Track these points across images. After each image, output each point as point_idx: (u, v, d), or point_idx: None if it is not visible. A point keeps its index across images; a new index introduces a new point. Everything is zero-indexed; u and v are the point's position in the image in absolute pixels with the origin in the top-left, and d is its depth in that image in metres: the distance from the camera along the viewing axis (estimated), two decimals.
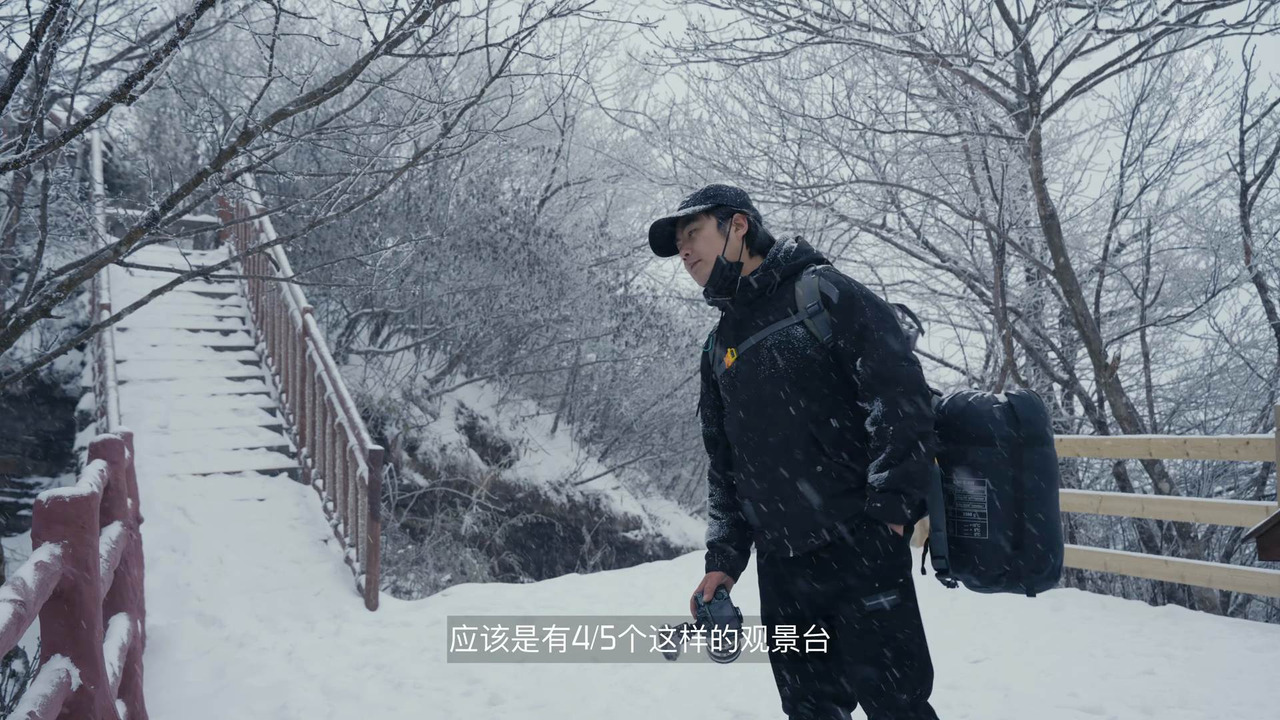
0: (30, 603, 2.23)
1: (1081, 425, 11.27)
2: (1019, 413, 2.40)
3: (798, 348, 2.45)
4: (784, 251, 2.56)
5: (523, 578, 10.77)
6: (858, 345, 2.39)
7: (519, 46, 4.93)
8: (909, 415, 2.33)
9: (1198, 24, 7.19)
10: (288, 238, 5.36)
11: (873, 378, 2.37)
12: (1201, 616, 5.82)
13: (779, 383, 2.46)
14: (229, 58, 13.34)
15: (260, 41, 5.35)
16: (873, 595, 2.39)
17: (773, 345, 2.48)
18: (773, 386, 2.47)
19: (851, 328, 2.40)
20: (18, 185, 7.78)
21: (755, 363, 2.51)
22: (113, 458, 4.11)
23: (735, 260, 2.57)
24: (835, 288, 2.44)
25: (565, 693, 4.55)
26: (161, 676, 4.89)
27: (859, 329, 2.40)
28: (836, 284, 2.45)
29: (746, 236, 2.59)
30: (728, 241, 2.57)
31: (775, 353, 2.47)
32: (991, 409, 2.41)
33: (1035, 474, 2.37)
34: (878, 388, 2.36)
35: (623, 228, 16.49)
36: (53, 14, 3.48)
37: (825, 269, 2.51)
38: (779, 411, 2.46)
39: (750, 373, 2.52)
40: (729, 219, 2.58)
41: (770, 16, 7.75)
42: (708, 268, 2.56)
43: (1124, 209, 10.69)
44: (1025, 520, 2.34)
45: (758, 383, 2.50)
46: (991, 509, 2.35)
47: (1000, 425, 2.38)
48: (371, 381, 11.39)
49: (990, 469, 2.37)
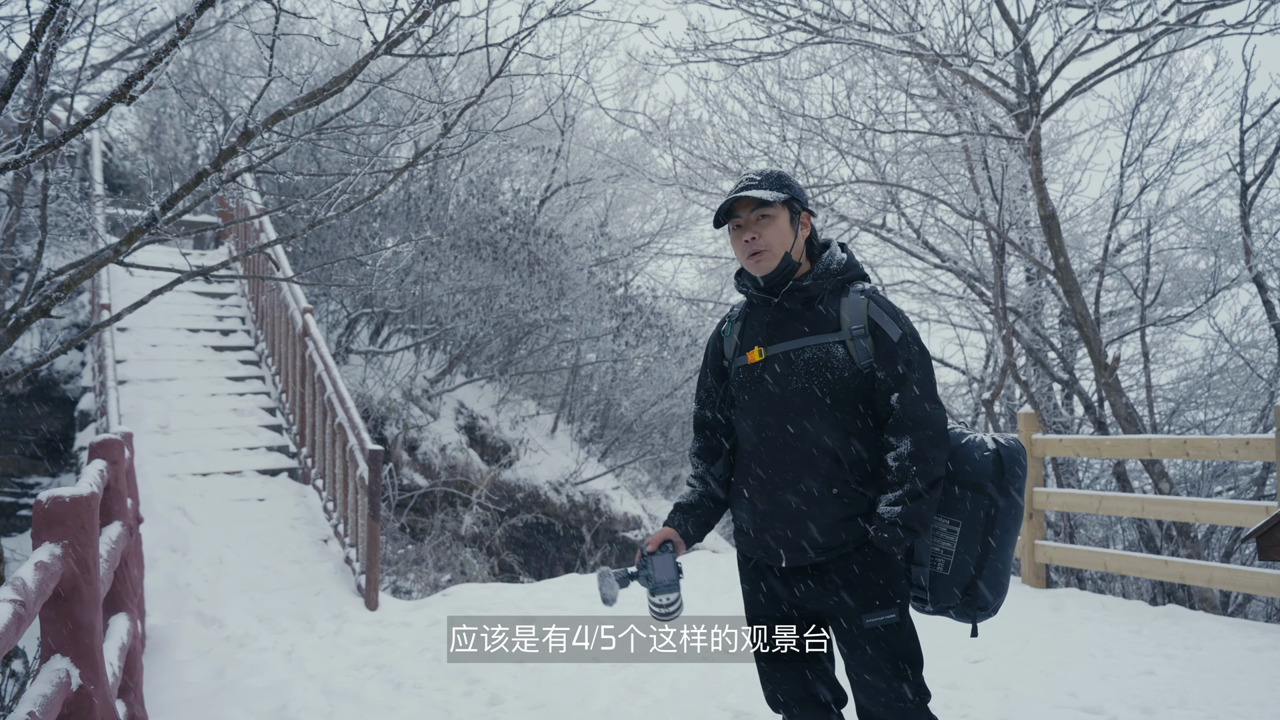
0: (30, 603, 2.23)
1: (1081, 425, 11.27)
2: (1005, 464, 2.46)
3: (836, 367, 2.43)
4: (837, 262, 2.53)
5: (523, 578, 10.77)
6: (898, 382, 2.41)
7: (519, 46, 4.93)
8: (931, 460, 2.39)
9: (1198, 24, 7.19)
10: (288, 238, 5.36)
11: (906, 416, 2.40)
12: (1201, 616, 5.82)
13: (810, 397, 2.44)
14: (229, 58, 13.34)
15: (260, 41, 5.35)
16: (873, 613, 2.43)
17: (810, 357, 2.45)
18: (803, 399, 2.44)
19: (895, 363, 2.42)
20: (18, 185, 7.78)
21: (788, 369, 2.47)
22: (113, 458, 4.11)
23: (797, 260, 2.53)
24: (889, 319, 2.45)
25: (565, 693, 4.55)
26: (161, 676, 4.89)
27: (903, 366, 2.41)
28: (890, 315, 2.46)
29: (808, 239, 2.57)
30: (795, 239, 2.52)
31: (812, 366, 2.44)
32: (983, 456, 2.47)
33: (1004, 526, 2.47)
34: (908, 427, 2.39)
35: (623, 228, 16.49)
36: (53, 14, 3.48)
37: (873, 290, 2.51)
38: (804, 425, 2.44)
39: (780, 378, 2.48)
40: (799, 216, 2.53)
41: (770, 16, 7.75)
42: (774, 260, 2.48)
43: (1124, 209, 10.69)
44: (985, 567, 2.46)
45: (787, 391, 2.46)
46: (958, 551, 2.46)
47: (985, 475, 2.46)
48: (371, 381, 11.39)
49: (965, 515, 2.46)
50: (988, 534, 2.44)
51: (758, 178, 2.52)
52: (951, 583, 2.46)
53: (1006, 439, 2.54)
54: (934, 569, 2.48)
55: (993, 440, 2.50)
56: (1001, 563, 2.47)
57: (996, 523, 2.44)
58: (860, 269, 2.56)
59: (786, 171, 2.69)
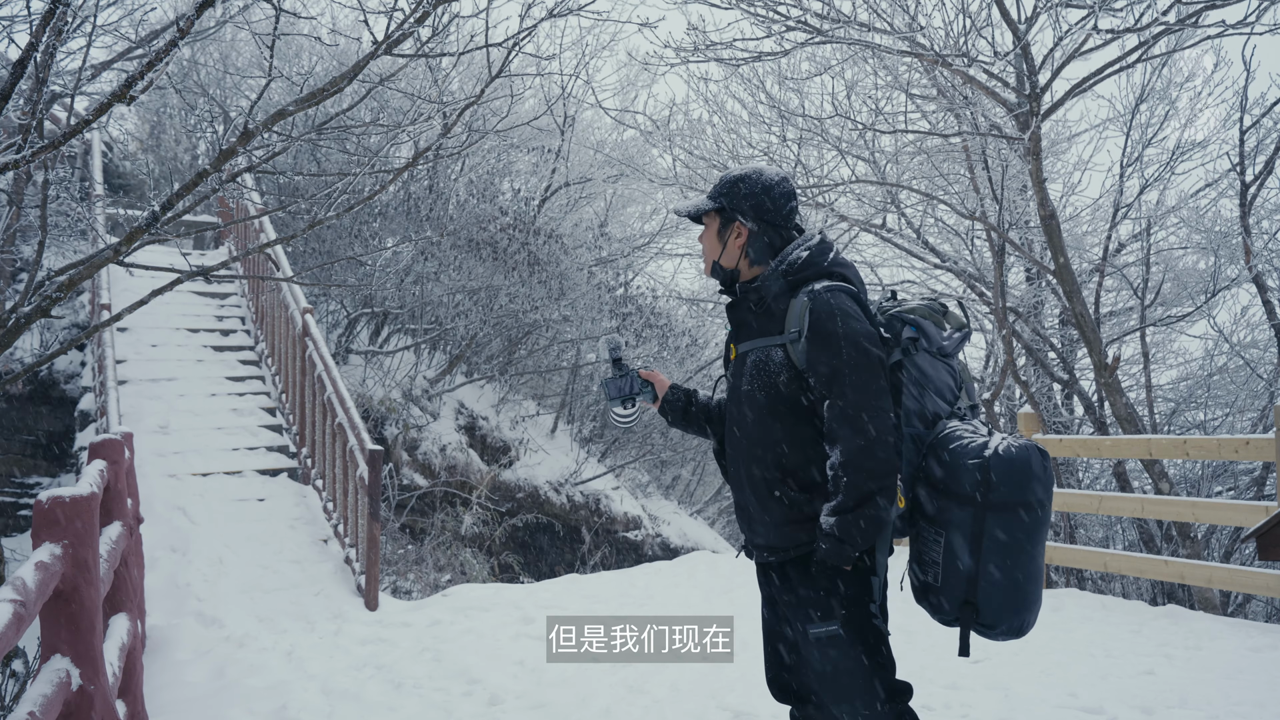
0: (30, 603, 2.23)
1: (1081, 425, 11.27)
2: (994, 475, 2.24)
3: (772, 371, 2.39)
4: (788, 262, 2.44)
5: (523, 578, 10.77)
6: (828, 386, 2.30)
7: (519, 46, 4.93)
8: (864, 470, 2.24)
9: (1198, 24, 7.19)
10: (288, 238, 5.36)
11: (836, 423, 2.28)
12: (1201, 616, 5.82)
13: (751, 400, 2.43)
14: (229, 58, 13.34)
15: (260, 41, 5.35)
16: (815, 624, 2.38)
17: (755, 360, 2.43)
18: (746, 402, 2.44)
19: (823, 366, 2.30)
20: (18, 185, 7.78)
21: (739, 370, 2.49)
22: (113, 458, 4.11)
23: (731, 267, 2.55)
24: (826, 320, 2.31)
25: (565, 693, 4.54)
26: (161, 676, 4.89)
27: (831, 370, 2.29)
28: (828, 315, 2.31)
29: (745, 245, 2.51)
30: (725, 248, 2.54)
31: (755, 369, 2.42)
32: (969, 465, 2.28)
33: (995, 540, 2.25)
34: (839, 434, 2.27)
35: (623, 228, 16.49)
36: (53, 14, 3.48)
37: (822, 290, 2.36)
38: (748, 427, 2.44)
39: (735, 378, 2.51)
40: (731, 225, 2.52)
41: (770, 16, 7.75)
42: (707, 266, 2.61)
43: (1124, 209, 10.69)
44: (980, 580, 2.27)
45: (738, 392, 2.49)
46: (944, 562, 2.32)
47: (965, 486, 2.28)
48: (371, 381, 11.39)
49: (950, 525, 2.30)
50: (976, 547, 2.26)
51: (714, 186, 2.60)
52: (943, 595, 2.33)
53: (1011, 446, 2.29)
54: (926, 579, 2.38)
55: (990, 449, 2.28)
56: (1007, 578, 2.26)
57: (985, 535, 2.25)
58: (824, 266, 2.43)
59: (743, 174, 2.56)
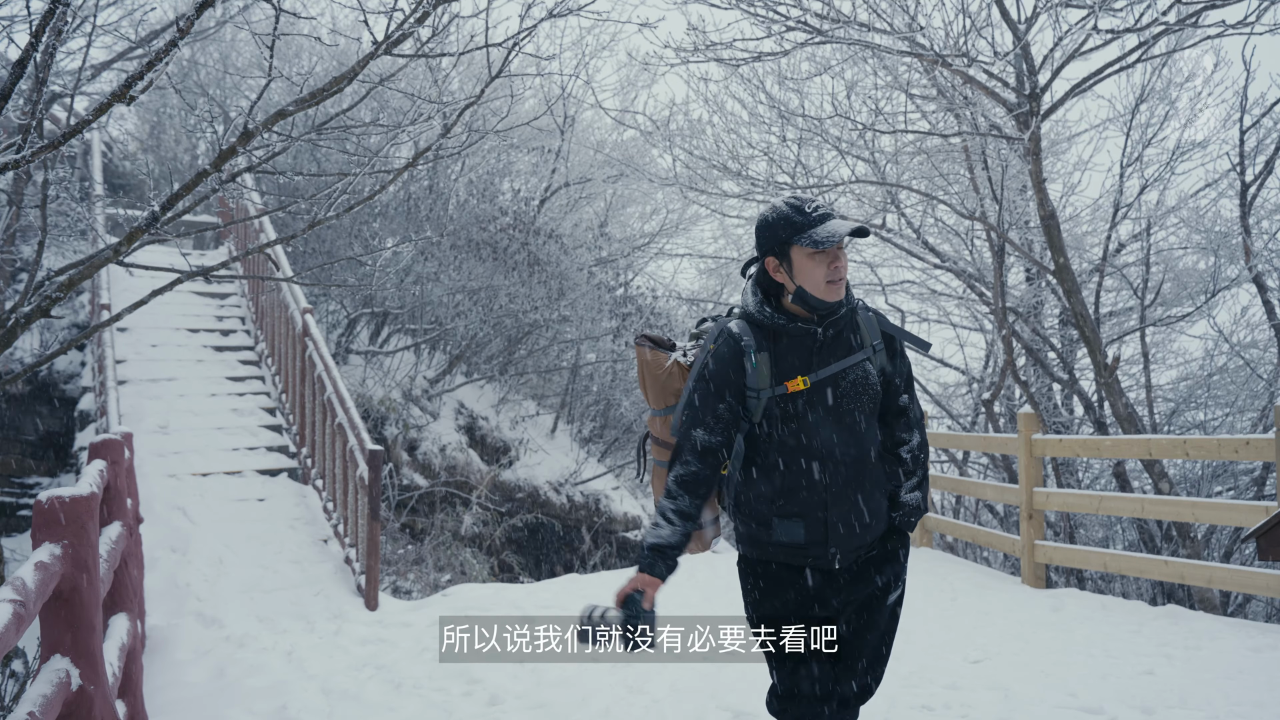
0: (30, 603, 2.23)
1: (1081, 425, 11.27)
2: None
3: (872, 380, 2.68)
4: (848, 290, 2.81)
5: (523, 578, 10.77)
6: (907, 384, 2.77)
7: (519, 47, 4.93)
8: (928, 447, 2.84)
9: (1198, 24, 7.19)
10: (288, 238, 5.36)
11: (915, 414, 2.79)
12: (1201, 616, 5.82)
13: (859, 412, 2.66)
14: (229, 58, 13.34)
15: (260, 42, 5.35)
16: (894, 591, 2.75)
17: (855, 377, 2.66)
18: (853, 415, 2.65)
19: (905, 370, 2.78)
20: (18, 185, 7.78)
21: (837, 389, 2.63)
22: (113, 458, 4.11)
23: None
24: (896, 334, 2.75)
25: (565, 693, 4.55)
26: (161, 676, 4.90)
27: (908, 372, 2.79)
28: (889, 325, 2.76)
29: None
30: None
31: (857, 384, 2.66)
32: None
33: None
34: (916, 423, 2.79)
35: (622, 228, 16.49)
36: (53, 14, 3.48)
37: (875, 309, 2.80)
38: (854, 436, 2.65)
39: (829, 400, 2.63)
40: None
41: (770, 17, 7.75)
42: (843, 290, 2.61)
43: (1124, 209, 10.68)
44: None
45: (840, 410, 2.64)
46: None
47: None
48: (371, 381, 11.39)
49: None
50: None
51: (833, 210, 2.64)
52: None
53: None
54: None
55: None
56: None
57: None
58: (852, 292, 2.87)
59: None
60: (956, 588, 7.03)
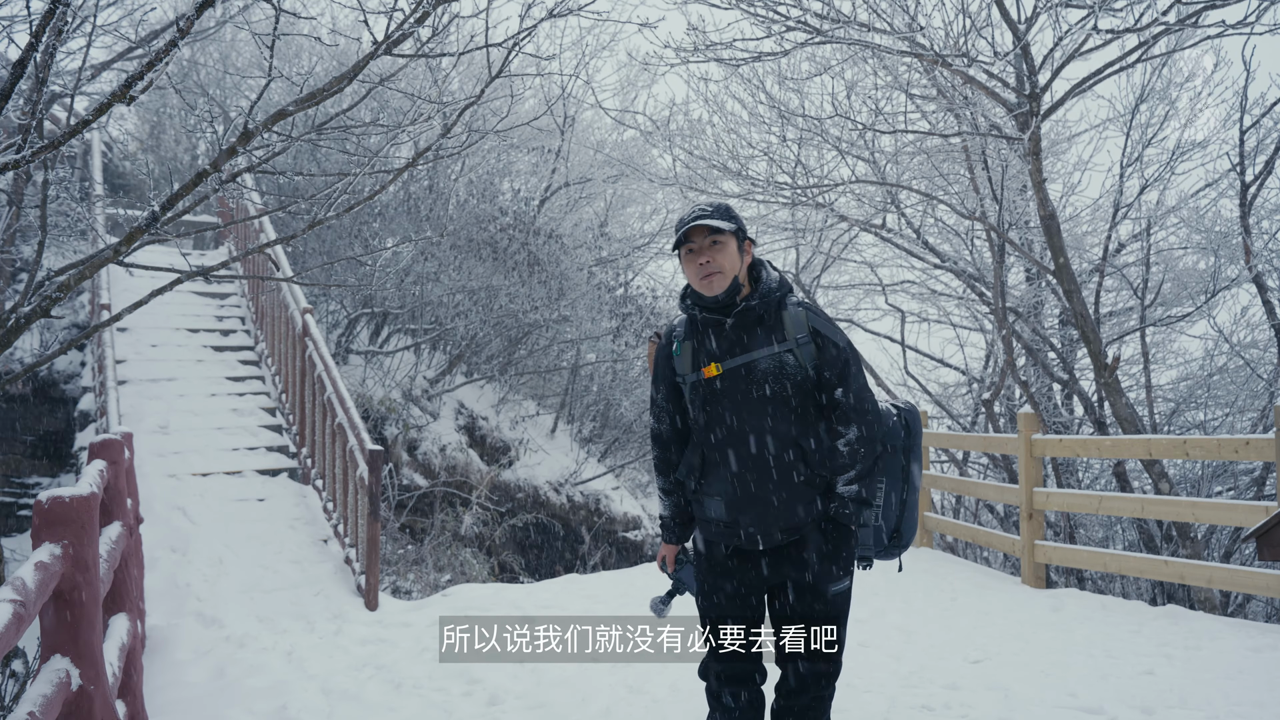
0: (30, 603, 2.23)
1: (1081, 425, 11.27)
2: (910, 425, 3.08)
3: (790, 373, 2.79)
4: (776, 283, 2.88)
5: (523, 578, 10.77)
6: (840, 378, 2.82)
7: (519, 47, 4.93)
8: (874, 441, 2.85)
9: (1197, 24, 7.19)
10: (288, 238, 5.36)
11: (851, 408, 2.82)
12: (1201, 616, 5.82)
13: (770, 402, 2.78)
14: (229, 58, 13.35)
15: (260, 42, 5.35)
16: (836, 581, 2.86)
17: (767, 367, 2.79)
18: (764, 404, 2.78)
19: (837, 363, 2.83)
20: (18, 185, 7.77)
21: (747, 379, 2.79)
22: (113, 458, 4.11)
23: (742, 283, 2.85)
24: (827, 326, 2.86)
25: (565, 693, 4.55)
26: (161, 676, 4.90)
27: (842, 365, 2.83)
28: (827, 323, 2.87)
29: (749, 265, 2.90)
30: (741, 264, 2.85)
31: (769, 374, 2.78)
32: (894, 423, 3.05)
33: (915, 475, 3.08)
34: (854, 416, 2.81)
35: (622, 228, 16.48)
36: (53, 14, 3.48)
37: (807, 303, 2.90)
38: (768, 426, 2.78)
39: (740, 388, 2.79)
40: (743, 245, 2.85)
41: (770, 16, 7.75)
42: (726, 281, 2.78)
43: (1124, 209, 10.68)
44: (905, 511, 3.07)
45: (751, 399, 2.79)
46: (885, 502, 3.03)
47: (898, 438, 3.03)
48: (371, 381, 11.39)
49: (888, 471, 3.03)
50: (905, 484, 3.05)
51: (709, 209, 2.83)
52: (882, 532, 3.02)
53: (903, 403, 3.14)
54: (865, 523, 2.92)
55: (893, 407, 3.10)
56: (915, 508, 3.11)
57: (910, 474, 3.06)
58: (789, 285, 2.94)
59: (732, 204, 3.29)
60: (956, 588, 7.03)
